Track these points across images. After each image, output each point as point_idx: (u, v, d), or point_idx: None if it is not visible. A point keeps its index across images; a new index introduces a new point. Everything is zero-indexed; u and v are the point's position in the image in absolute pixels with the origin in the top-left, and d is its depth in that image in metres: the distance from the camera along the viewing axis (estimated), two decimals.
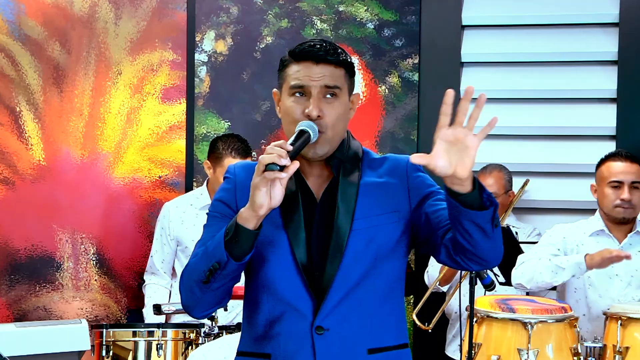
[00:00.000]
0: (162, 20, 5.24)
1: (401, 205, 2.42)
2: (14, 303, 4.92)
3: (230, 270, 2.27)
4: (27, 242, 4.95)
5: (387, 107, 5.34)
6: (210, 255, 2.28)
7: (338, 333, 2.32)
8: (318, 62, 2.37)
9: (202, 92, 5.35)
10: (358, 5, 5.34)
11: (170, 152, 5.25)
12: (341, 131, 2.41)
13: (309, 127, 2.31)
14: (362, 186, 2.41)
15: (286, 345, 2.34)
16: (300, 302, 2.33)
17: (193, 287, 2.32)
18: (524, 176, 5.18)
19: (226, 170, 2.49)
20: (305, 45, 2.41)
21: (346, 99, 2.41)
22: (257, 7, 5.36)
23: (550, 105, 5.26)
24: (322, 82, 2.36)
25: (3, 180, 4.90)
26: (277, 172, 2.18)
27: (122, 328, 4.26)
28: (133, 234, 5.17)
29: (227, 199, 2.42)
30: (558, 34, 5.25)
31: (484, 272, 3.95)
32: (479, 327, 3.96)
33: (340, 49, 2.42)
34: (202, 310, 2.38)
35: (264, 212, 2.22)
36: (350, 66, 2.42)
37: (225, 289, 2.33)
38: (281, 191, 2.22)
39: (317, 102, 2.34)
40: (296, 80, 2.37)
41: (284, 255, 2.35)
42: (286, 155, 2.20)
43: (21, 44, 4.95)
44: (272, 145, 2.22)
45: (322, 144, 2.35)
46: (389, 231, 2.40)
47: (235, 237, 2.24)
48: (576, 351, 3.88)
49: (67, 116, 5.06)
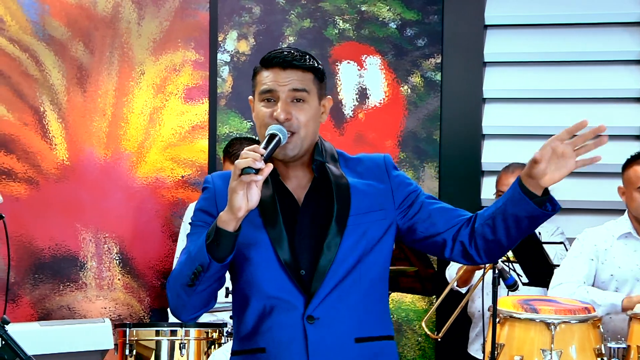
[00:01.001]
0: (184, 20, 5.26)
1: (386, 204, 2.55)
2: (38, 302, 4.95)
3: (213, 272, 2.37)
4: (51, 242, 4.97)
5: (409, 107, 5.33)
6: (193, 259, 2.38)
7: (328, 322, 2.44)
8: (285, 68, 2.50)
9: (224, 92, 5.36)
10: (380, 5, 5.33)
11: (192, 152, 5.26)
12: (313, 133, 2.52)
13: (278, 130, 2.42)
14: (352, 186, 2.53)
15: (280, 337, 2.44)
16: (289, 295, 2.45)
17: (179, 292, 2.44)
18: None
19: (204, 181, 2.60)
20: (274, 52, 2.54)
21: (316, 102, 2.53)
22: (279, 7, 5.36)
23: (573, 105, 5.23)
24: (289, 87, 2.48)
25: (27, 179, 4.93)
26: (253, 175, 2.30)
27: (145, 327, 4.28)
28: (156, 234, 5.19)
29: (207, 207, 2.53)
30: (581, 34, 5.22)
31: (507, 272, 3.94)
32: (502, 327, 3.94)
33: (309, 56, 2.55)
34: (189, 314, 2.49)
35: (242, 214, 2.33)
36: (318, 71, 2.55)
37: (210, 291, 2.44)
38: (257, 193, 2.33)
39: (285, 106, 2.46)
40: (265, 85, 2.49)
41: (267, 255, 2.47)
42: (260, 159, 2.31)
43: (45, 44, 4.98)
44: (246, 150, 2.33)
45: (294, 145, 2.47)
46: (376, 228, 2.52)
47: (217, 240, 2.35)
48: (600, 352, 3.86)
49: (91, 116, 5.08)
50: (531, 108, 5.27)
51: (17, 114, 4.90)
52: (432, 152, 5.31)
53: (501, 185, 4.99)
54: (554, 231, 4.96)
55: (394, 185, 2.57)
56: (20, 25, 4.93)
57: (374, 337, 2.50)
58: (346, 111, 5.34)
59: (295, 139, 2.47)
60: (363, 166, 2.61)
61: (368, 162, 2.63)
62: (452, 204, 2.45)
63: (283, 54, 2.52)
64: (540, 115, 5.26)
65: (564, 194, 5.19)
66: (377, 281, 2.53)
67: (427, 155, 5.31)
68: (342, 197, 2.50)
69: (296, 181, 2.54)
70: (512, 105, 5.33)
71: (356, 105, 5.35)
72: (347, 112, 5.34)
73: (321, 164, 2.54)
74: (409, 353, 5.31)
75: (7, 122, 4.87)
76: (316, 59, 2.56)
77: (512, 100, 5.34)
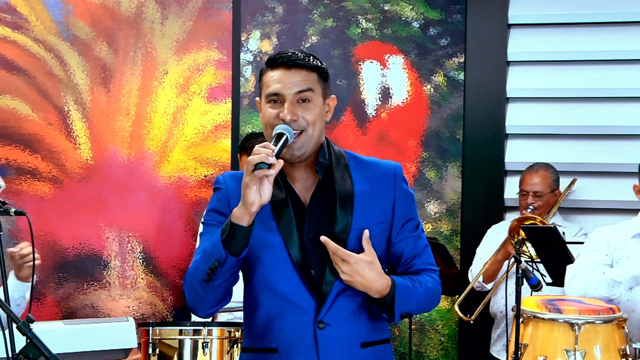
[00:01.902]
0: (207, 20, 5.27)
1: (387, 215, 2.61)
2: (62, 301, 4.97)
3: (229, 267, 2.46)
4: (75, 241, 5.00)
5: (432, 106, 5.32)
6: (209, 255, 2.48)
7: (336, 328, 2.54)
8: (290, 67, 2.56)
9: (247, 91, 5.37)
10: (403, 4, 5.33)
11: (215, 151, 5.28)
12: (319, 132, 2.58)
13: (284, 130, 2.49)
14: (357, 195, 2.58)
15: (290, 339, 2.54)
16: (300, 298, 2.54)
17: (196, 287, 2.52)
18: (571, 176, 5.14)
19: (216, 181, 2.66)
20: (278, 54, 2.60)
21: (320, 101, 2.58)
22: (302, 7, 5.37)
23: (597, 105, 5.21)
24: (295, 89, 2.54)
25: (51, 179, 4.95)
26: (266, 169, 2.38)
27: (168, 326, 4.28)
28: (179, 233, 5.20)
29: (220, 207, 2.60)
30: (605, 32, 5.20)
31: (530, 272, 3.92)
32: (525, 327, 3.92)
33: (313, 56, 2.60)
34: (206, 309, 2.59)
35: (255, 209, 2.42)
36: (322, 70, 2.60)
37: (226, 285, 2.52)
38: (269, 188, 2.42)
39: (291, 107, 2.52)
40: (270, 87, 2.55)
41: (280, 256, 2.54)
42: (272, 154, 2.40)
43: (69, 44, 5.00)
44: (258, 147, 2.41)
45: (301, 144, 2.53)
46: (378, 240, 2.59)
47: (231, 235, 2.44)
48: (624, 352, 3.83)
49: (114, 115, 5.10)
50: (554, 107, 5.25)
51: (42, 114, 4.92)
52: (455, 152, 5.29)
53: (525, 185, 4.98)
54: (577, 232, 4.95)
55: (397, 199, 2.63)
56: (45, 25, 4.95)
57: (376, 342, 2.62)
58: (369, 111, 5.33)
59: (303, 137, 2.53)
60: (373, 172, 2.64)
61: (378, 169, 2.66)
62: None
63: (288, 54, 2.57)
64: (563, 114, 5.24)
65: (587, 193, 5.18)
66: None
67: (450, 154, 5.30)
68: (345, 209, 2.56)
69: (302, 183, 2.60)
70: (536, 105, 5.31)
71: (379, 104, 5.34)
72: (370, 112, 5.34)
73: (327, 166, 2.59)
74: (432, 353, 5.30)
75: (31, 122, 4.89)
76: (319, 59, 2.62)
77: (536, 99, 5.32)
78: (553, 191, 4.98)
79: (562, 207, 5.12)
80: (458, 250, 5.28)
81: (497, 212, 5.21)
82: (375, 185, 2.61)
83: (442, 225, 5.29)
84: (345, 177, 2.60)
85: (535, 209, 4.90)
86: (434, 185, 5.29)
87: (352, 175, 2.61)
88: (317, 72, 2.58)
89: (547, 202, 4.96)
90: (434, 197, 5.28)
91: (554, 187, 4.99)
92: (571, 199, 5.15)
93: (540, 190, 4.93)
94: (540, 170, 4.98)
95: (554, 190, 4.99)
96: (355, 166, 2.63)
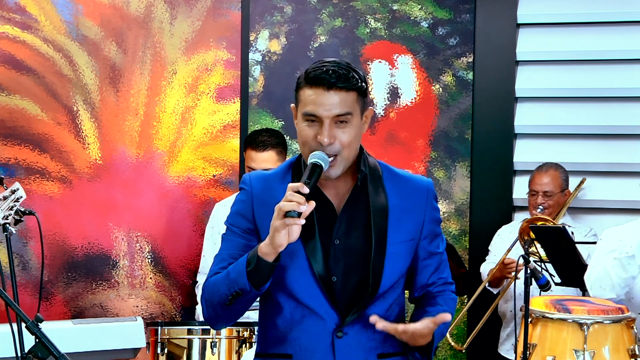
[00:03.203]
0: (216, 20, 5.28)
1: (415, 234, 2.58)
2: (71, 300, 4.98)
3: (251, 296, 2.46)
4: (84, 240, 5.00)
5: (441, 106, 5.31)
6: (232, 282, 2.45)
7: (355, 337, 2.51)
8: (329, 89, 2.46)
9: (256, 91, 5.37)
10: (412, 3, 5.32)
11: (224, 151, 5.28)
12: (355, 149, 2.53)
13: (320, 159, 2.44)
14: (391, 211, 2.55)
15: (307, 346, 2.52)
16: (321, 308, 2.51)
17: (216, 307, 2.51)
18: (580, 175, 5.13)
19: (241, 181, 2.63)
20: (318, 70, 2.48)
21: (358, 120, 2.52)
22: (311, 6, 5.36)
23: (606, 104, 5.20)
24: (333, 112, 2.45)
25: (60, 178, 4.96)
26: (296, 218, 2.36)
27: (176, 326, 4.29)
28: (188, 233, 5.21)
29: (244, 210, 2.57)
30: (614, 32, 5.18)
31: (539, 272, 3.92)
32: (534, 327, 3.92)
33: (353, 73, 2.49)
34: (223, 324, 2.60)
35: (283, 249, 2.40)
36: (361, 89, 2.50)
37: (244, 308, 2.52)
38: (298, 230, 2.38)
39: (329, 131, 2.46)
40: (309, 107, 2.47)
41: (301, 266, 2.51)
42: (304, 202, 2.36)
43: (79, 44, 5.01)
44: (290, 191, 2.37)
45: (337, 168, 2.49)
46: (406, 257, 2.58)
47: (257, 269, 2.42)
48: (633, 352, 3.83)
49: (123, 115, 5.11)
50: (563, 107, 5.24)
51: (51, 114, 4.93)
52: (463, 152, 5.29)
53: (534, 185, 4.97)
54: (587, 232, 4.93)
55: (427, 218, 2.60)
56: (54, 25, 4.96)
57: (393, 353, 2.58)
58: (378, 110, 5.33)
59: (339, 161, 2.49)
60: (406, 188, 2.60)
61: (412, 184, 2.61)
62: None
63: (328, 73, 2.46)
64: (572, 114, 5.22)
65: (597, 193, 5.17)
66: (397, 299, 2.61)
67: (459, 154, 5.29)
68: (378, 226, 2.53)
69: (335, 190, 2.56)
70: (545, 104, 5.30)
71: (388, 104, 5.34)
72: (379, 112, 5.33)
73: (364, 176, 2.55)
74: (440, 353, 5.29)
75: (40, 122, 4.90)
76: (359, 74, 2.52)
77: (545, 99, 5.31)
78: (563, 191, 4.97)
79: (572, 207, 5.11)
80: (467, 250, 5.27)
81: (506, 212, 5.20)
82: (408, 201, 2.57)
83: (450, 225, 5.28)
84: (379, 189, 2.56)
85: (545, 209, 4.89)
86: (443, 185, 5.29)
87: (385, 188, 2.57)
88: (357, 91, 2.49)
89: (557, 202, 4.95)
90: (443, 197, 5.28)
91: (564, 187, 4.98)
92: (580, 199, 5.14)
93: (550, 190, 4.92)
94: (550, 170, 4.97)
95: (564, 190, 4.98)
96: (388, 178, 2.59)
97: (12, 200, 3.60)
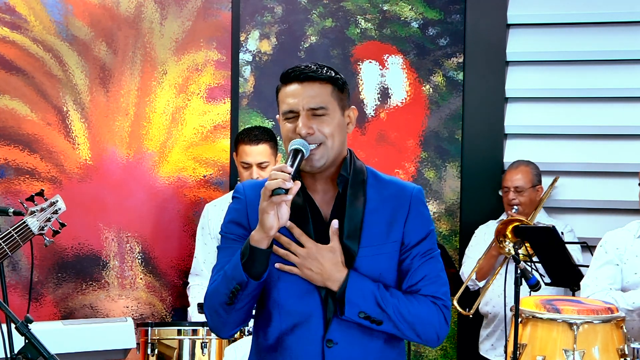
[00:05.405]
0: (207, 20, 5.27)
1: (398, 236, 2.54)
2: (61, 301, 4.97)
3: (251, 290, 2.44)
4: (74, 241, 4.99)
5: (431, 106, 5.32)
6: (230, 278, 2.45)
7: (345, 347, 2.49)
8: (303, 81, 2.52)
9: (246, 91, 5.37)
10: (402, 4, 5.33)
11: (214, 151, 5.28)
12: (339, 144, 2.54)
13: (300, 145, 2.46)
14: (367, 214, 2.53)
15: (298, 356, 2.50)
16: (311, 316, 2.49)
17: (218, 310, 2.50)
18: (569, 176, 5.15)
19: (235, 190, 2.65)
20: (291, 69, 2.55)
21: (338, 114, 2.54)
22: (301, 7, 5.36)
23: (596, 105, 5.21)
24: (308, 105, 2.49)
25: (50, 179, 4.95)
26: (284, 195, 2.36)
27: (167, 326, 4.29)
28: (178, 233, 5.20)
29: (238, 218, 2.59)
30: (604, 32, 5.20)
31: (529, 272, 3.93)
32: (524, 327, 3.93)
33: (326, 68, 2.54)
34: (228, 331, 2.57)
35: (274, 232, 2.41)
36: (337, 81, 2.53)
37: (248, 308, 2.51)
38: (287, 211, 2.40)
39: (305, 120, 2.49)
40: (285, 105, 2.52)
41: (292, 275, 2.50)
42: (289, 178, 2.37)
43: (68, 44, 5.00)
44: (274, 170, 2.38)
45: (320, 155, 2.50)
46: (390, 260, 2.54)
47: (251, 258, 2.42)
48: (623, 352, 3.83)
49: (113, 116, 5.10)
50: (553, 107, 5.26)
51: (41, 114, 4.92)
52: (454, 152, 5.29)
53: (506, 181, 5.01)
54: (563, 229, 4.93)
55: (410, 221, 2.55)
56: (44, 25, 4.95)
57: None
58: (368, 111, 5.33)
59: (322, 149, 2.50)
60: (389, 193, 2.58)
61: (396, 190, 2.59)
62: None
63: (300, 68, 2.53)
64: (562, 114, 5.24)
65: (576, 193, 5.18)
66: None
67: (449, 154, 5.30)
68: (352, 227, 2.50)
69: (322, 195, 2.56)
70: (535, 105, 5.31)
71: (378, 104, 5.34)
72: (369, 112, 5.34)
73: (347, 180, 2.55)
74: (431, 353, 5.30)
75: (30, 122, 4.89)
76: (334, 70, 2.56)
77: (535, 99, 5.32)
78: (534, 186, 4.98)
79: (560, 208, 5.12)
80: (457, 250, 5.27)
81: (496, 212, 5.21)
82: (387, 204, 2.55)
83: (441, 225, 5.29)
84: (359, 194, 2.55)
85: (519, 206, 4.92)
86: (433, 185, 5.29)
87: (366, 193, 2.55)
88: (331, 84, 2.53)
89: (530, 198, 4.96)
90: (433, 197, 5.28)
91: (535, 183, 4.99)
92: (570, 199, 5.16)
93: (520, 186, 4.95)
94: (521, 167, 5.01)
95: (536, 186, 4.99)
96: (373, 184, 2.58)
97: (51, 212, 3.69)
